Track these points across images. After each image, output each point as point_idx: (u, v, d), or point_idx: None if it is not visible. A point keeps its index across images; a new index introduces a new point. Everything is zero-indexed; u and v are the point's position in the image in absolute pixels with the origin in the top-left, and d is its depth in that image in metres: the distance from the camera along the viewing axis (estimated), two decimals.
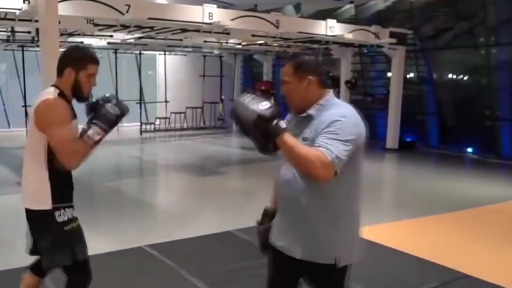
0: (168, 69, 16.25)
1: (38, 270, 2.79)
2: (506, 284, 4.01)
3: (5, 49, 12.87)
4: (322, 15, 12.70)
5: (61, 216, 2.55)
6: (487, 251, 5.05)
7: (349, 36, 10.52)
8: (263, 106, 2.10)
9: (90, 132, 2.45)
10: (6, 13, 7.57)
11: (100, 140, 2.47)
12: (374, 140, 13.68)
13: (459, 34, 12.20)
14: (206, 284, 3.93)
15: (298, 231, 2.27)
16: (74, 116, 2.59)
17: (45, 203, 2.55)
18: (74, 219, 2.61)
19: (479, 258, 4.84)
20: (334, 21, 10.40)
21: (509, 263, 4.51)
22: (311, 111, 2.25)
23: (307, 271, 2.32)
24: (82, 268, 2.69)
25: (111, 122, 2.49)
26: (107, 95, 2.61)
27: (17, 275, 4.00)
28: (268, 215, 2.53)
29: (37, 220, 2.59)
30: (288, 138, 2.07)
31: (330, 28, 10.20)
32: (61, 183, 2.60)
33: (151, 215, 6.53)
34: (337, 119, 2.14)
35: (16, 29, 9.28)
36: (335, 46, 12.50)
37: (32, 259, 2.87)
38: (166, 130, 15.92)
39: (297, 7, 14.81)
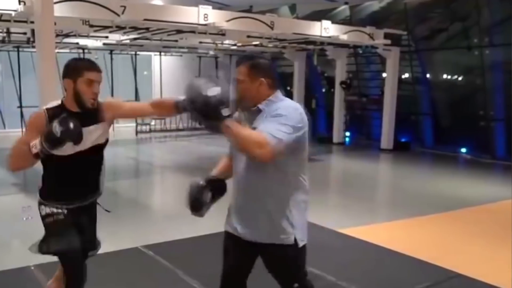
0: (164, 69, 16.26)
1: None
2: (500, 283, 4.05)
3: (0, 50, 12.84)
4: (317, 16, 12.73)
5: (43, 210, 2.74)
6: (481, 250, 5.09)
7: (344, 37, 10.57)
8: (212, 91, 2.15)
9: (32, 142, 2.49)
10: (1, 14, 7.58)
11: (39, 153, 2.49)
12: (369, 140, 13.76)
13: (453, 35, 12.29)
14: (202, 284, 3.96)
15: (256, 218, 2.46)
16: (85, 123, 2.60)
17: (40, 198, 2.78)
18: (53, 214, 2.73)
19: (472, 257, 4.87)
20: (329, 22, 10.44)
21: (503, 262, 4.56)
22: (261, 106, 2.43)
23: (266, 253, 2.50)
24: (64, 261, 2.76)
25: (50, 140, 2.46)
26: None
27: (14, 276, 4.03)
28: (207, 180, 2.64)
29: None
30: (230, 123, 2.18)
31: (325, 29, 10.25)
32: (52, 182, 2.77)
33: (147, 215, 6.54)
34: (283, 109, 2.35)
35: (12, 29, 9.28)
36: (330, 47, 12.55)
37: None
38: (161, 130, 15.92)
39: (292, 8, 14.86)
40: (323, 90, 16.04)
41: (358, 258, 4.74)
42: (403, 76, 13.26)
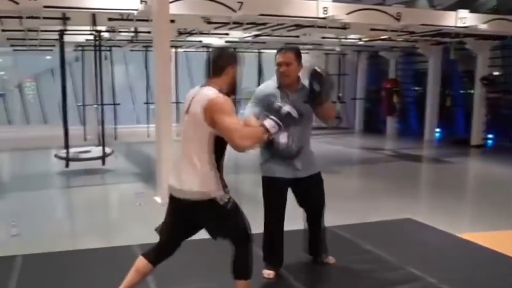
0: None
1: (152, 257, 3.08)
2: None
3: (131, 50, 13.63)
4: (459, 7, 11.43)
5: (222, 200, 2.85)
6: None
7: (483, 27, 9.34)
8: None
9: (266, 123, 2.86)
10: (128, 15, 7.94)
11: (274, 133, 2.89)
12: None
13: None
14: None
15: (311, 158, 3.88)
16: None
17: (215, 191, 2.84)
18: (230, 197, 2.92)
19: None
20: (466, 11, 9.31)
21: None
22: (303, 84, 3.69)
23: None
24: (247, 233, 3.00)
25: (280, 119, 2.89)
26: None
27: (121, 252, 4.06)
28: None
29: (208, 208, 2.86)
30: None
31: (461, 19, 9.15)
32: (221, 170, 2.91)
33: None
34: None
35: (140, 29, 9.68)
36: (470, 39, 11.26)
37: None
38: None
39: (431, 0, 13.64)
40: (462, 87, 14.56)
41: (470, 263, 4.31)
42: None
